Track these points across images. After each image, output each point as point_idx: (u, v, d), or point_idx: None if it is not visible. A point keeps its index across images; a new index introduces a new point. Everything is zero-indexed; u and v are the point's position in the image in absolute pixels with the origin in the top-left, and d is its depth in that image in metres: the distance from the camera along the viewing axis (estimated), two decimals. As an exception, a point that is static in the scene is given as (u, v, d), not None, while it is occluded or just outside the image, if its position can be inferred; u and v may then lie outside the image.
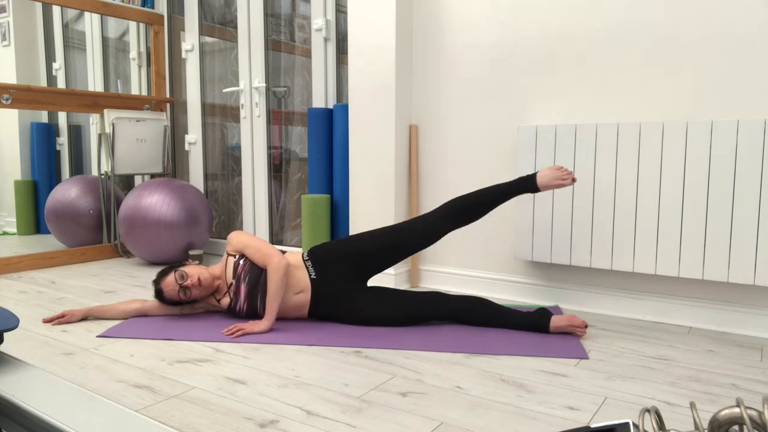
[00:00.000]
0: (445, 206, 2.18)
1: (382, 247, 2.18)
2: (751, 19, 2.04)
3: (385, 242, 2.18)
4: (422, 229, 2.17)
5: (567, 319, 2.04)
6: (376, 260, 2.20)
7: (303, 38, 3.36)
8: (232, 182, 3.81)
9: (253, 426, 1.36)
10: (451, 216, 2.15)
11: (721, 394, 1.57)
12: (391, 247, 2.18)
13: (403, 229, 2.19)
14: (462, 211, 2.15)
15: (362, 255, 2.18)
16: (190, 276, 2.15)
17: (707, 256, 2.09)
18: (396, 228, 2.20)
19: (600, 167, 2.28)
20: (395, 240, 2.18)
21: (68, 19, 4.41)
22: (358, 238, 2.22)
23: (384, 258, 2.20)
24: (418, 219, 2.19)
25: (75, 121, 4.51)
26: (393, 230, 2.20)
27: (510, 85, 2.55)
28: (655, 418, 0.91)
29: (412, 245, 2.19)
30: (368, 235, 2.22)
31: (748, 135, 2.00)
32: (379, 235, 2.20)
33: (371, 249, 2.18)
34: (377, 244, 2.18)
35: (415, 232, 2.17)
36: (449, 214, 2.15)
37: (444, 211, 2.17)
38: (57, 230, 3.67)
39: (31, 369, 1.27)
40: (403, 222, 2.22)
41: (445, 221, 2.15)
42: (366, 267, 2.20)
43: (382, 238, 2.19)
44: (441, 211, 2.17)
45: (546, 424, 1.38)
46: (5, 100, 3.13)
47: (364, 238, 2.21)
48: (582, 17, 2.36)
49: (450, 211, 2.16)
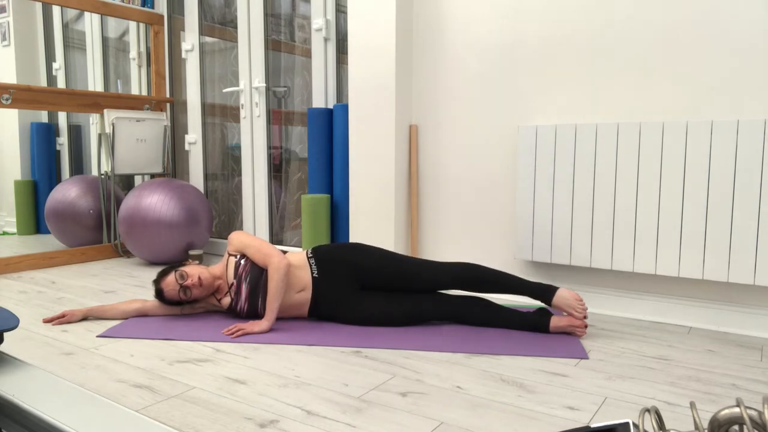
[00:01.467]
0: (463, 268, 2.12)
1: (385, 271, 2.15)
2: (751, 19, 2.04)
3: (389, 268, 2.15)
4: (430, 275, 2.13)
5: (567, 319, 2.04)
6: (375, 280, 2.17)
7: (303, 38, 3.36)
8: (232, 182, 3.81)
9: (253, 426, 1.36)
10: (464, 281, 2.10)
11: (721, 394, 1.57)
12: (393, 276, 2.15)
13: (411, 264, 2.16)
14: (475, 283, 2.10)
15: (364, 269, 2.17)
16: (191, 276, 2.15)
17: (707, 256, 2.09)
18: (405, 260, 2.17)
19: (600, 167, 2.28)
20: (400, 271, 2.15)
21: (68, 19, 4.41)
22: (364, 249, 2.21)
23: (383, 281, 2.17)
24: (431, 264, 2.16)
25: (75, 121, 4.51)
26: (401, 260, 2.17)
27: (510, 85, 2.56)
28: (655, 418, 0.91)
29: (414, 284, 2.15)
30: (375, 252, 2.20)
31: (748, 135, 2.00)
32: (387, 258, 2.18)
33: (373, 268, 2.16)
34: (380, 266, 2.16)
35: (422, 275, 2.14)
36: (463, 278, 2.10)
37: (459, 272, 2.11)
38: (57, 230, 3.67)
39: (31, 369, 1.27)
40: (414, 258, 2.19)
41: (455, 281, 2.11)
42: (364, 281, 2.18)
43: (388, 264, 2.16)
44: (456, 269, 2.12)
45: (546, 424, 1.38)
46: (5, 100, 3.13)
47: (371, 254, 2.19)
48: (582, 17, 2.36)
49: (465, 275, 2.11)
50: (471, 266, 2.12)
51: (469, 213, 2.71)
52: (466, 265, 2.13)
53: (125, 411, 1.06)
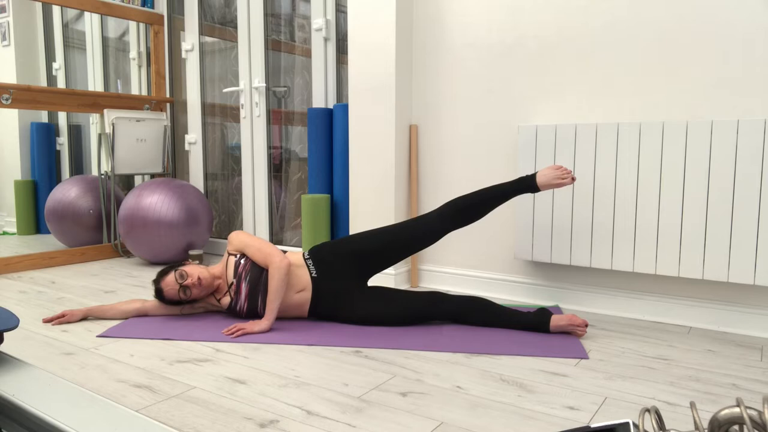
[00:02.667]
0: (446, 206, 2.18)
1: (383, 247, 2.18)
2: (751, 19, 2.04)
3: (386, 242, 2.18)
4: (423, 230, 2.17)
5: (567, 319, 2.04)
6: (377, 260, 2.20)
7: (303, 38, 3.36)
8: (232, 182, 3.81)
9: (253, 426, 1.36)
10: (452, 216, 2.15)
11: (721, 394, 1.57)
12: (392, 247, 2.18)
13: (403, 229, 2.19)
14: (462, 211, 2.15)
15: (362, 254, 2.18)
16: (191, 275, 2.15)
17: (707, 256, 2.09)
18: (396, 228, 2.20)
19: (600, 167, 2.28)
20: (396, 240, 2.18)
21: (68, 19, 4.41)
22: (358, 237, 2.22)
23: (384, 258, 2.20)
24: (419, 219, 2.19)
25: (75, 121, 4.51)
26: (393, 230, 2.20)
27: (510, 84, 2.55)
28: (655, 417, 0.91)
29: (413, 245, 2.19)
30: (368, 234, 2.22)
31: (748, 135, 2.00)
32: (380, 234, 2.20)
33: (371, 249, 2.18)
34: (377, 244, 2.18)
35: (416, 233, 2.17)
36: (449, 214, 2.16)
37: (444, 211, 2.17)
38: (57, 230, 3.67)
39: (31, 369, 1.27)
40: (403, 222, 2.22)
41: (445, 221, 2.16)
42: (366, 266, 2.20)
43: (383, 238, 2.19)
44: (441, 211, 2.18)
45: (546, 424, 1.38)
46: (5, 100, 3.13)
47: (365, 237, 2.21)
48: (582, 17, 2.36)
49: (450, 211, 2.16)
50: (453, 201, 2.18)
51: (469, 213, 2.71)
52: (448, 203, 2.18)
53: (125, 411, 1.06)
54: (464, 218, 2.16)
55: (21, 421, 1.11)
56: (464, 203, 2.15)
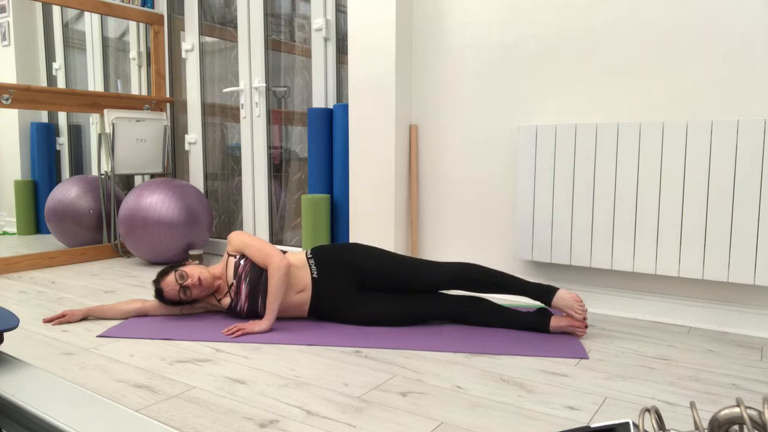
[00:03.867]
0: (461, 266, 2.12)
1: (381, 273, 2.15)
2: (751, 20, 2.04)
3: (385, 269, 2.15)
4: (426, 277, 2.13)
5: (567, 319, 2.04)
6: (373, 281, 2.17)
7: (303, 38, 3.36)
8: (232, 182, 3.81)
9: (253, 426, 1.36)
10: (461, 282, 2.10)
11: (721, 394, 1.57)
12: (389, 277, 2.15)
13: (407, 265, 2.15)
14: (474, 283, 2.08)
15: (361, 270, 2.17)
16: (191, 276, 2.15)
17: (707, 256, 2.09)
18: (401, 260, 2.17)
19: (600, 167, 2.28)
20: (396, 272, 2.15)
21: (68, 19, 4.41)
22: (364, 250, 2.20)
23: (380, 283, 2.17)
24: (430, 265, 2.15)
25: (75, 121, 4.51)
26: (401, 259, 2.17)
27: (510, 84, 2.56)
28: (655, 417, 0.91)
29: (410, 286, 2.15)
30: (375, 251, 2.20)
31: (748, 135, 2.00)
32: (383, 259, 2.17)
33: (370, 269, 2.16)
34: (377, 269, 2.15)
35: (419, 276, 2.13)
36: (461, 278, 2.09)
37: (458, 272, 2.10)
38: (57, 230, 3.67)
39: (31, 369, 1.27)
40: (411, 258, 2.19)
41: (453, 282, 2.10)
42: (362, 281, 2.18)
43: (384, 264, 2.16)
44: (455, 270, 2.11)
45: (546, 424, 1.38)
46: (5, 100, 3.13)
47: (368, 255, 2.18)
48: (582, 17, 2.36)
49: (463, 274, 2.09)
50: (470, 266, 2.12)
51: (469, 213, 2.71)
52: (465, 265, 2.12)
53: (125, 411, 1.06)
54: (474, 289, 2.10)
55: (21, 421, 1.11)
56: (482, 277, 2.08)
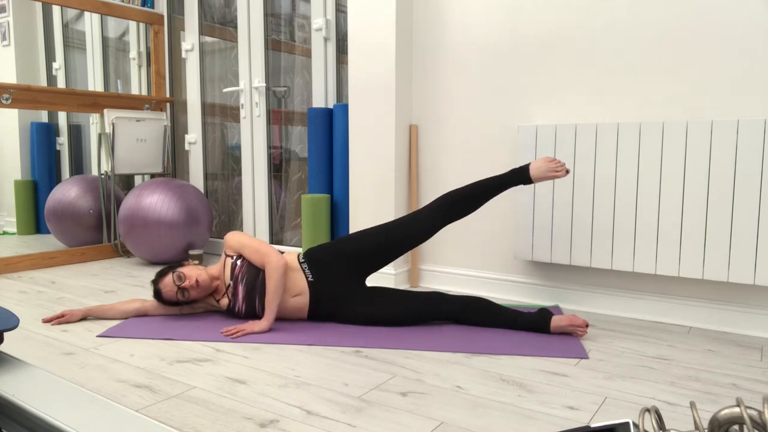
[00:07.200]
0: (439, 200, 2.18)
1: (378, 245, 2.18)
2: (751, 19, 2.04)
3: (381, 240, 2.18)
4: (417, 226, 2.16)
5: (567, 319, 2.04)
6: (372, 260, 2.19)
7: (303, 38, 3.36)
8: (232, 182, 3.81)
9: (253, 426, 1.36)
10: (445, 209, 2.15)
11: (721, 394, 1.57)
12: (387, 245, 2.17)
13: (397, 225, 2.19)
14: (456, 204, 2.15)
15: (358, 254, 2.18)
16: (188, 277, 2.15)
17: (707, 256, 2.09)
18: (390, 225, 2.20)
19: (600, 167, 2.28)
20: (391, 237, 2.18)
21: (68, 18, 4.41)
22: (353, 237, 2.22)
23: (380, 256, 2.19)
24: (412, 215, 2.19)
25: (75, 121, 4.51)
26: (388, 227, 2.20)
27: (510, 84, 2.55)
28: (655, 417, 0.91)
29: (408, 242, 2.18)
30: (363, 233, 2.21)
31: (748, 135, 2.00)
32: (374, 233, 2.20)
33: (367, 248, 2.18)
34: (373, 243, 2.18)
35: (410, 229, 2.17)
36: (443, 207, 2.16)
37: (438, 205, 2.17)
38: (57, 230, 3.67)
39: (31, 369, 1.26)
40: (396, 220, 2.21)
41: (439, 215, 2.15)
42: (363, 266, 2.20)
43: (378, 236, 2.19)
44: (435, 205, 2.17)
45: (546, 424, 1.38)
46: (5, 100, 3.13)
47: (359, 238, 2.20)
48: (582, 17, 2.36)
49: (444, 204, 2.16)
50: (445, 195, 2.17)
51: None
52: (440, 198, 2.18)
53: (125, 411, 1.06)
54: (457, 212, 2.16)
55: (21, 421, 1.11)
56: (457, 196, 2.15)
